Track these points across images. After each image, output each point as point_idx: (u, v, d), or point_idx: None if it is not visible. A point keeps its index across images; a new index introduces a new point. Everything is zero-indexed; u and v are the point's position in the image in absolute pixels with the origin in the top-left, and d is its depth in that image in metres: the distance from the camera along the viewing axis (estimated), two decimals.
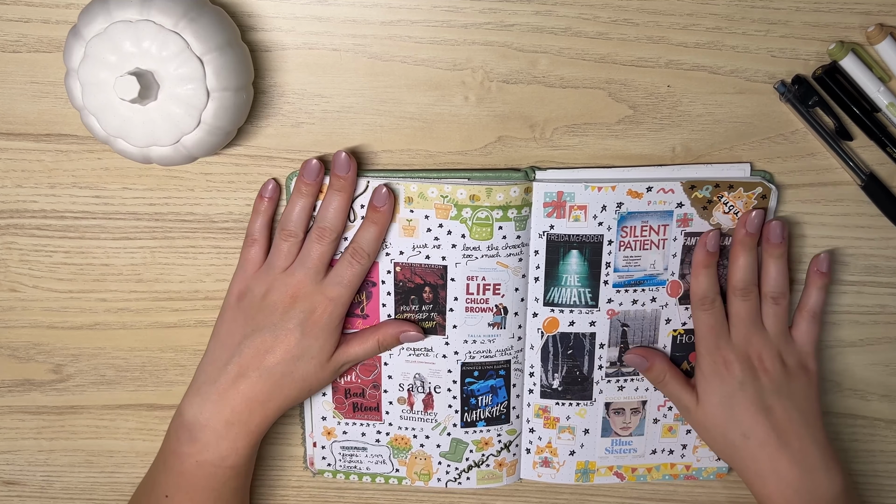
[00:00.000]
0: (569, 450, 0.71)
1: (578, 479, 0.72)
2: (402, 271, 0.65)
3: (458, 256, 0.64)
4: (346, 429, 0.70)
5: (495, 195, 0.62)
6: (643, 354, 0.67)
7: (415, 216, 0.63)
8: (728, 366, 0.64)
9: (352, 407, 0.70)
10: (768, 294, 0.65)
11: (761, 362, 0.65)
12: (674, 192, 0.64)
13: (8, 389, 0.72)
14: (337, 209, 0.62)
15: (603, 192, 0.63)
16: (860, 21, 0.61)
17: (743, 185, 0.63)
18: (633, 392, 0.69)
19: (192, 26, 0.54)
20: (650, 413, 0.70)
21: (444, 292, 0.65)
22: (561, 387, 0.69)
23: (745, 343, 0.65)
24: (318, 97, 0.63)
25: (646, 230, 0.64)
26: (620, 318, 0.67)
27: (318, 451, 0.71)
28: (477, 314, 0.66)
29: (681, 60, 0.62)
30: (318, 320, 0.62)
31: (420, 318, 0.67)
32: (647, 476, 0.72)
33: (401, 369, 0.68)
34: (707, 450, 0.71)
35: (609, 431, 0.71)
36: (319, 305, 0.62)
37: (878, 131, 0.63)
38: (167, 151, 0.57)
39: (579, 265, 0.65)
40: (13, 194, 0.66)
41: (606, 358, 0.68)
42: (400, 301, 0.66)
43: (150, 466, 0.67)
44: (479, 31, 0.61)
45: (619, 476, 0.72)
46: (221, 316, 0.64)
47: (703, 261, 0.64)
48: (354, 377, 0.69)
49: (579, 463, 0.71)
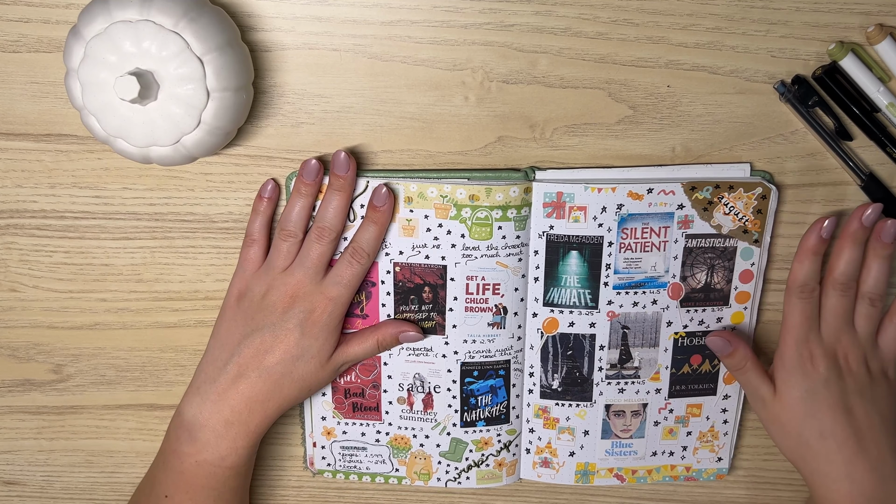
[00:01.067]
0: (568, 451, 0.71)
1: (578, 479, 0.72)
2: (402, 271, 0.65)
3: (458, 256, 0.64)
4: (346, 429, 0.70)
5: (495, 195, 0.62)
6: (728, 339, 0.65)
7: (414, 216, 0.63)
8: (814, 360, 0.63)
9: (351, 407, 0.70)
10: (866, 294, 0.63)
11: (847, 362, 0.63)
12: (674, 193, 0.64)
13: (8, 389, 0.72)
14: (336, 209, 0.62)
15: (603, 193, 0.63)
16: (860, 21, 0.61)
17: (743, 186, 0.63)
18: (633, 395, 0.69)
19: (192, 26, 0.54)
20: (651, 416, 0.70)
21: (443, 292, 0.65)
22: (560, 387, 0.69)
23: (835, 340, 0.63)
24: (318, 97, 0.63)
25: (646, 232, 0.64)
26: (621, 320, 0.67)
27: (317, 450, 0.71)
28: (476, 314, 0.66)
29: (681, 60, 0.62)
30: (318, 320, 0.62)
31: (420, 318, 0.67)
32: (648, 478, 0.72)
33: (400, 369, 0.68)
34: (708, 451, 0.71)
35: (609, 433, 0.70)
36: (319, 305, 0.62)
37: (878, 131, 0.63)
38: (167, 151, 0.57)
39: (579, 266, 0.65)
40: (13, 194, 0.66)
41: (606, 360, 0.68)
42: (399, 301, 0.66)
43: (150, 466, 0.67)
44: (479, 31, 0.61)
45: (619, 478, 0.72)
46: (221, 316, 0.64)
47: (813, 247, 0.63)
48: (354, 377, 0.69)
49: (579, 464, 0.71)
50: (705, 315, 0.67)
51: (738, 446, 0.74)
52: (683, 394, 0.70)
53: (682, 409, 0.70)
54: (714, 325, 0.68)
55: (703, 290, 0.67)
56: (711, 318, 0.67)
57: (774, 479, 0.75)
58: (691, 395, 0.70)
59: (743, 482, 0.75)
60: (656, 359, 0.68)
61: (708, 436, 0.71)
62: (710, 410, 0.70)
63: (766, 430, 0.67)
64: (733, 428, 0.71)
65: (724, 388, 0.70)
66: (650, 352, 0.68)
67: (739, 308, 0.67)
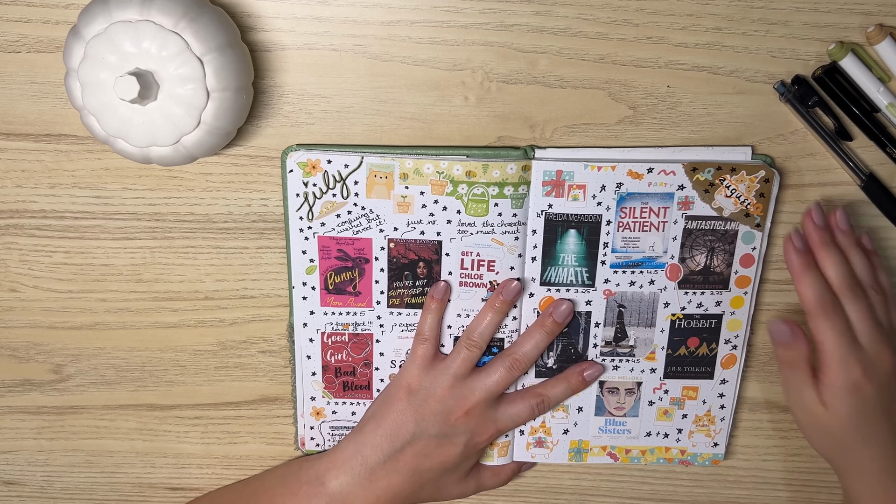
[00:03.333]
0: (562, 428, 0.71)
1: (572, 458, 0.72)
2: (396, 247, 0.65)
3: (454, 232, 0.64)
4: (336, 408, 0.70)
5: (491, 171, 0.62)
6: (793, 329, 0.62)
7: (410, 192, 0.63)
8: (865, 378, 0.61)
9: (342, 386, 0.70)
10: (868, 286, 0.62)
11: (884, 361, 0.61)
12: (675, 174, 0.63)
13: (8, 389, 0.72)
14: (537, 346, 0.66)
15: (603, 171, 0.63)
16: (860, 21, 0.61)
17: (745, 169, 0.63)
18: (628, 372, 0.69)
19: (192, 26, 0.54)
20: (645, 395, 0.70)
21: (438, 267, 0.66)
22: (556, 365, 0.69)
23: (877, 345, 0.61)
24: (318, 97, 0.63)
25: (645, 212, 0.64)
26: (617, 298, 0.67)
27: (307, 431, 0.71)
28: (471, 289, 0.66)
29: (681, 60, 0.62)
30: (480, 443, 0.67)
31: (414, 294, 0.67)
32: (642, 458, 0.72)
33: (393, 346, 0.68)
34: (703, 435, 0.71)
35: (603, 410, 0.71)
36: (487, 431, 0.66)
37: (878, 131, 0.63)
38: (167, 151, 0.57)
39: (577, 245, 0.65)
40: (13, 194, 0.66)
41: (602, 337, 0.68)
42: (393, 277, 0.66)
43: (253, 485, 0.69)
44: (479, 31, 0.61)
45: (612, 456, 0.72)
46: (388, 404, 0.66)
47: (802, 264, 0.61)
48: (345, 355, 0.69)
49: (573, 442, 0.71)
50: (704, 298, 0.67)
51: (737, 447, 0.74)
52: (679, 375, 0.70)
53: (678, 390, 0.70)
54: (713, 308, 0.67)
55: (702, 273, 0.66)
56: (710, 302, 0.67)
57: (774, 479, 0.75)
58: (687, 377, 0.70)
59: (743, 482, 0.75)
60: (652, 339, 0.68)
61: (704, 420, 0.71)
62: (707, 394, 0.70)
63: (798, 427, 0.65)
64: (730, 413, 0.71)
65: (721, 373, 0.70)
66: (646, 331, 0.68)
67: (739, 293, 0.67)
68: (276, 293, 0.68)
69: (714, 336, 0.69)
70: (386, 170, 0.63)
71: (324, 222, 0.64)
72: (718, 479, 0.75)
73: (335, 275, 0.66)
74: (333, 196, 0.64)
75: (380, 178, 0.63)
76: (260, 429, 0.73)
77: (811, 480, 0.75)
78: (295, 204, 0.64)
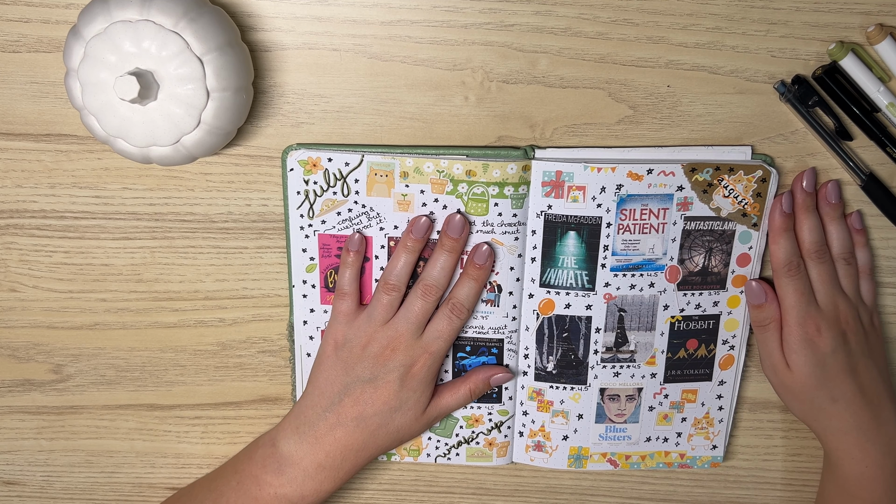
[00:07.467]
0: (562, 434, 0.71)
1: (571, 464, 0.72)
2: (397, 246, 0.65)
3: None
4: None
5: (492, 171, 0.62)
6: (766, 290, 0.66)
7: (410, 191, 0.63)
8: (820, 334, 0.64)
9: None
10: (839, 255, 0.65)
11: (847, 323, 0.65)
12: (674, 174, 0.63)
13: (8, 389, 0.72)
14: (444, 268, 0.64)
15: (602, 172, 0.63)
16: (860, 21, 0.61)
17: (743, 168, 0.63)
18: (629, 378, 0.69)
19: (192, 26, 0.54)
20: (646, 401, 0.70)
21: None
22: (555, 370, 0.69)
23: (833, 306, 0.65)
24: (318, 97, 0.63)
25: (645, 213, 0.64)
26: (617, 302, 0.67)
27: None
28: None
29: (681, 60, 0.62)
30: (417, 373, 0.65)
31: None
32: (641, 464, 0.72)
33: None
34: (702, 438, 0.71)
35: (603, 418, 0.71)
36: (419, 359, 0.64)
37: (878, 131, 0.63)
38: (167, 151, 0.57)
39: (576, 247, 0.65)
40: (13, 194, 0.66)
41: (602, 343, 0.68)
42: None
43: (214, 476, 0.68)
44: (479, 31, 0.61)
45: (612, 463, 0.72)
46: (319, 363, 0.66)
47: (782, 224, 0.64)
48: None
49: (572, 448, 0.71)
50: (702, 299, 0.67)
51: (737, 447, 0.74)
52: (679, 379, 0.70)
53: (678, 394, 0.70)
54: (711, 309, 0.68)
55: (700, 274, 0.67)
56: (708, 302, 0.67)
57: (774, 479, 0.75)
58: (687, 380, 0.70)
59: (743, 482, 0.75)
60: (652, 343, 0.68)
61: (703, 422, 0.71)
62: (706, 396, 0.70)
63: (775, 392, 0.68)
64: (728, 415, 0.71)
65: (719, 374, 0.70)
66: (646, 335, 0.68)
67: (736, 292, 0.67)
68: (276, 293, 0.68)
69: (712, 337, 0.69)
70: (386, 168, 0.63)
71: (324, 220, 0.64)
72: (718, 479, 0.75)
73: (335, 273, 0.66)
74: (334, 194, 0.64)
75: (380, 177, 0.63)
76: (260, 429, 0.73)
77: (811, 480, 0.75)
78: (296, 202, 0.64)
